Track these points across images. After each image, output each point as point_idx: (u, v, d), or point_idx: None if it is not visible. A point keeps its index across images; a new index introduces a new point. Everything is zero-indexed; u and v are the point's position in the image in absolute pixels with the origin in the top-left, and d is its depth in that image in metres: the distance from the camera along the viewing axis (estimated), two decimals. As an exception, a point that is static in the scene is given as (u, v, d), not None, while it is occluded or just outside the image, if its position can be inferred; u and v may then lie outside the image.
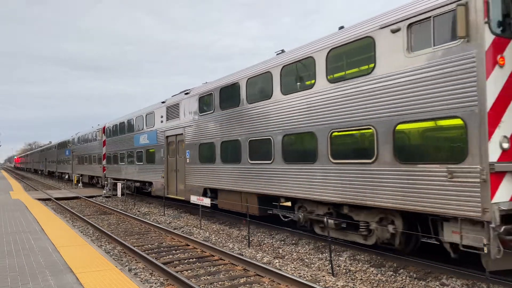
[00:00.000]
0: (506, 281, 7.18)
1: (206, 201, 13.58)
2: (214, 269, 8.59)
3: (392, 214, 8.45)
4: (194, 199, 14.41)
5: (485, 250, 6.51)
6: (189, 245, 10.80)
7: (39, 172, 68.25)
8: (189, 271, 8.43)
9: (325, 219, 9.79)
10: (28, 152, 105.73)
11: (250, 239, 11.21)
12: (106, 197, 24.90)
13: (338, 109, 9.28)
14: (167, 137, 18.18)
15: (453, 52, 7.01)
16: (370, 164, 8.48)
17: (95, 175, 31.10)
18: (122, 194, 22.57)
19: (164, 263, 8.78)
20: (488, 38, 6.65)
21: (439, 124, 7.25)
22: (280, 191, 11.15)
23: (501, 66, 6.77)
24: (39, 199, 21.94)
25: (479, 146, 6.61)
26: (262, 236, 12.03)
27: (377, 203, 8.33)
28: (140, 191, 21.72)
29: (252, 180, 12.32)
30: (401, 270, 8.24)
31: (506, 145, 6.71)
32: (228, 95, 13.58)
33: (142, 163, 21.14)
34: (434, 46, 7.34)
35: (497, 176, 6.55)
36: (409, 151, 7.77)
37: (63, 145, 43.98)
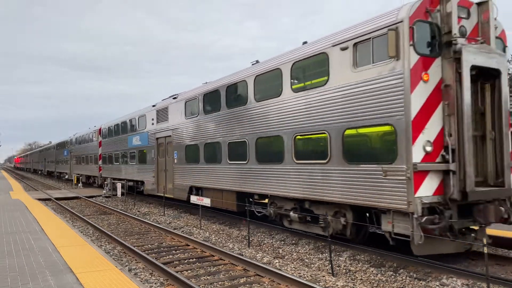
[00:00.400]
0: (506, 281, 7.18)
1: (206, 201, 13.58)
2: (214, 269, 8.59)
3: (344, 208, 9.49)
4: (194, 199, 14.42)
5: (414, 239, 7.62)
6: (189, 245, 10.80)
7: (39, 172, 68.83)
8: (189, 271, 8.43)
9: (291, 213, 11.01)
10: (28, 152, 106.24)
11: (250, 239, 11.21)
12: (106, 197, 24.90)
13: (300, 115, 10.46)
14: (157, 138, 19.24)
15: (386, 69, 8.16)
16: (325, 164, 9.66)
17: (92, 175, 31.89)
18: (122, 194, 22.57)
19: (164, 263, 8.78)
20: (413, 58, 7.81)
21: (376, 130, 8.44)
22: (254, 189, 12.29)
23: (425, 81, 7.92)
24: (39, 199, 21.93)
25: (405, 149, 7.77)
26: (262, 236, 12.03)
27: (331, 198, 9.48)
28: (133, 190, 22.58)
29: (230, 178, 13.44)
30: (401, 270, 8.23)
31: (429, 148, 7.84)
32: (211, 100, 14.70)
33: (134, 163, 22.24)
34: (373, 63, 8.50)
35: (420, 175, 7.68)
36: (354, 153, 8.99)
37: (61, 145, 44.87)
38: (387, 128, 8.19)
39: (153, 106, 20.14)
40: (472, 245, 8.49)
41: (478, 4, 8.67)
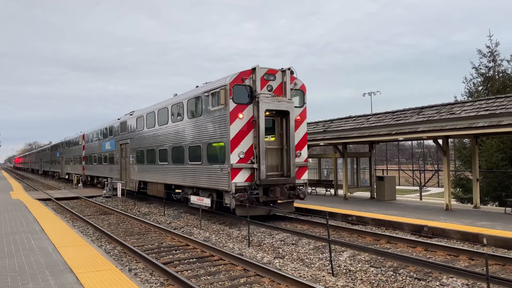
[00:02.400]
0: (506, 281, 7.18)
1: (206, 202, 13.58)
2: (214, 269, 8.59)
3: (212, 191, 14.98)
4: (194, 199, 14.42)
5: (230, 205, 13.50)
6: (189, 245, 10.80)
7: (39, 172, 70.62)
8: (189, 271, 8.43)
9: (189, 196, 16.35)
10: (27, 153, 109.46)
11: (250, 239, 11.21)
12: (106, 197, 24.90)
13: (191, 134, 16.29)
14: (120, 144, 25.11)
15: (222, 110, 13.99)
16: (200, 164, 15.41)
17: (77, 173, 36.75)
18: (122, 194, 22.58)
19: (164, 263, 8.77)
20: (232, 105, 13.57)
21: (219, 144, 14.19)
22: (172, 181, 18.07)
23: (240, 118, 13.62)
24: (39, 199, 21.94)
25: (228, 156, 13.51)
26: (262, 236, 12.03)
27: (205, 186, 15.22)
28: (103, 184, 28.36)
29: (160, 174, 19.23)
30: (401, 270, 8.23)
31: (242, 156, 13.52)
32: (150, 119, 20.61)
33: (107, 164, 28.02)
34: (218, 106, 14.19)
35: (235, 170, 13.48)
36: (212, 157, 14.69)
37: (55, 147, 50.17)
38: (221, 144, 13.95)
39: (118, 119, 25.97)
40: (271, 210, 14.24)
41: (282, 71, 14.45)
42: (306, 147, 15.11)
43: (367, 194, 21.46)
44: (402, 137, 16.19)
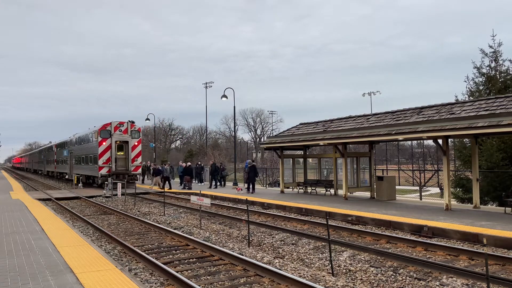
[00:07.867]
0: (506, 281, 7.18)
1: (206, 201, 13.59)
2: (214, 269, 8.59)
3: (96, 177, 31.42)
4: (194, 199, 14.41)
5: (98, 183, 31.60)
6: (189, 245, 10.80)
7: (31, 170, 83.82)
8: (189, 271, 8.43)
9: (91, 180, 33.43)
10: (23, 155, 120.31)
11: (250, 239, 11.21)
12: (106, 197, 24.91)
13: (90, 150, 32.91)
14: (70, 153, 40.33)
15: (96, 141, 30.90)
16: (92, 164, 32.06)
17: (52, 171, 53.29)
18: (122, 194, 22.59)
19: (164, 263, 8.77)
20: (100, 139, 30.29)
21: (96, 156, 30.62)
22: (87, 174, 33.32)
23: (104, 145, 30.32)
24: (39, 199, 21.93)
25: (98, 161, 30.42)
26: (262, 236, 12.03)
27: (93, 175, 31.83)
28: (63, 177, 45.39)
29: (83, 170, 34.26)
30: (401, 270, 8.23)
31: (104, 161, 30.36)
32: (80, 140, 36.56)
33: (65, 164, 43.48)
34: (94, 138, 31.52)
35: (100, 167, 30.13)
36: (94, 161, 31.58)
37: (40, 152, 68.73)
38: (97, 155, 30.13)
39: (69, 137, 41.65)
40: (129, 181, 29.63)
41: (127, 122, 31.17)
42: (140, 157, 31.35)
43: (367, 194, 21.46)
44: (402, 137, 16.20)
